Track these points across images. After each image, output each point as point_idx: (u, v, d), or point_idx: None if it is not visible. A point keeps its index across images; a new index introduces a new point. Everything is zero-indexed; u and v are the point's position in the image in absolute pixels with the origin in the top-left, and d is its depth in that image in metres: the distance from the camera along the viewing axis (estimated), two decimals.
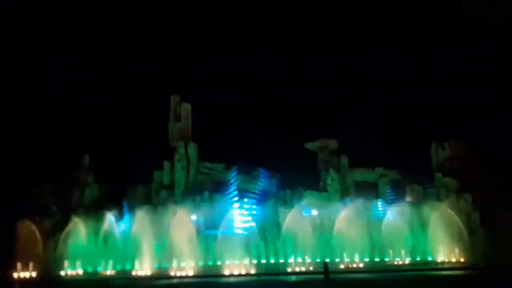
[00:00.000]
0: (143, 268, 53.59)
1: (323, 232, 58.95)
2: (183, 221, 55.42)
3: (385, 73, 75.30)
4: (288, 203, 62.80)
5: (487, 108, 67.82)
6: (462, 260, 58.32)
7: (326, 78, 77.34)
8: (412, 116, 70.57)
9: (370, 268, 54.26)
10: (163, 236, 55.40)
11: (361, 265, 56.20)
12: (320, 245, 57.83)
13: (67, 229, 56.72)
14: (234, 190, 62.94)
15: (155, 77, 76.19)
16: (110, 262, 55.30)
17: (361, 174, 70.27)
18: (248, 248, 56.53)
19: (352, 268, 54.93)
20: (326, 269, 41.70)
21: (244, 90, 75.30)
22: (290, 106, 74.62)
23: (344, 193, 66.45)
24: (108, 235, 57.09)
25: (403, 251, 57.83)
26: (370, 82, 73.94)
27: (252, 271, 51.87)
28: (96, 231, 57.03)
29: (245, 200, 62.89)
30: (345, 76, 76.03)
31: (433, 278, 45.22)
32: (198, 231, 57.15)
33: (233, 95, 75.19)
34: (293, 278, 47.36)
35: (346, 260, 56.45)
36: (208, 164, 68.43)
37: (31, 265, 53.88)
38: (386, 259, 58.00)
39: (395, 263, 57.15)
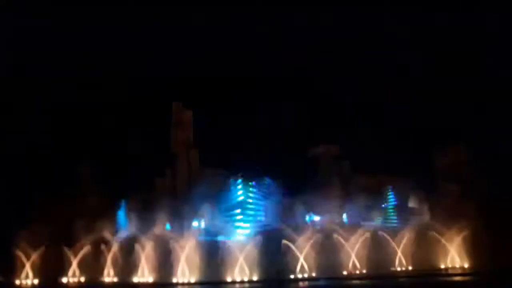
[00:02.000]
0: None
1: None
2: None
3: (387, 76, 74.99)
4: (290, 209, 62.55)
5: (489, 113, 67.35)
6: (465, 265, 57.82)
7: (328, 84, 77.13)
8: (414, 121, 70.14)
9: None
10: None
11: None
12: None
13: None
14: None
15: (157, 84, 76.27)
16: None
17: (363, 180, 69.68)
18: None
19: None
20: (280, 276, 42.80)
21: (246, 96, 75.22)
22: (293, 112, 74.31)
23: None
24: None
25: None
26: (371, 88, 73.61)
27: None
28: None
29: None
30: (345, 82, 75.78)
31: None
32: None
33: (235, 101, 75.12)
34: None
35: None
36: (210, 171, 68.22)
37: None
38: None
39: None
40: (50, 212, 59.89)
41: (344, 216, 64.19)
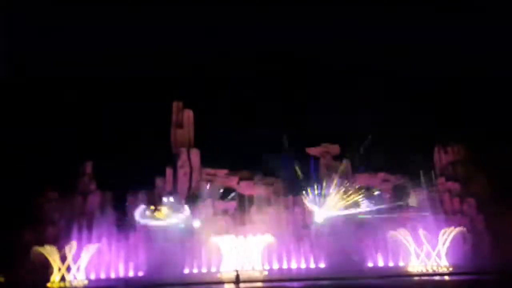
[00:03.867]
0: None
1: None
2: None
3: (386, 75, 75.41)
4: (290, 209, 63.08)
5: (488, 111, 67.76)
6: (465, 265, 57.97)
7: (327, 82, 77.49)
8: (414, 120, 70.47)
9: None
10: None
11: None
12: None
13: None
14: None
15: (157, 83, 76.45)
16: None
17: (363, 179, 69.94)
18: None
19: None
20: (237, 279, 43.54)
21: (246, 95, 75.46)
22: (292, 111, 74.68)
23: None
24: None
25: None
26: (371, 85, 74.00)
27: None
28: None
29: None
30: (345, 80, 76.14)
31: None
32: None
33: (234, 100, 75.32)
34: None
35: None
36: (211, 170, 68.34)
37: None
38: None
39: None
40: (51, 211, 60.24)
41: None
